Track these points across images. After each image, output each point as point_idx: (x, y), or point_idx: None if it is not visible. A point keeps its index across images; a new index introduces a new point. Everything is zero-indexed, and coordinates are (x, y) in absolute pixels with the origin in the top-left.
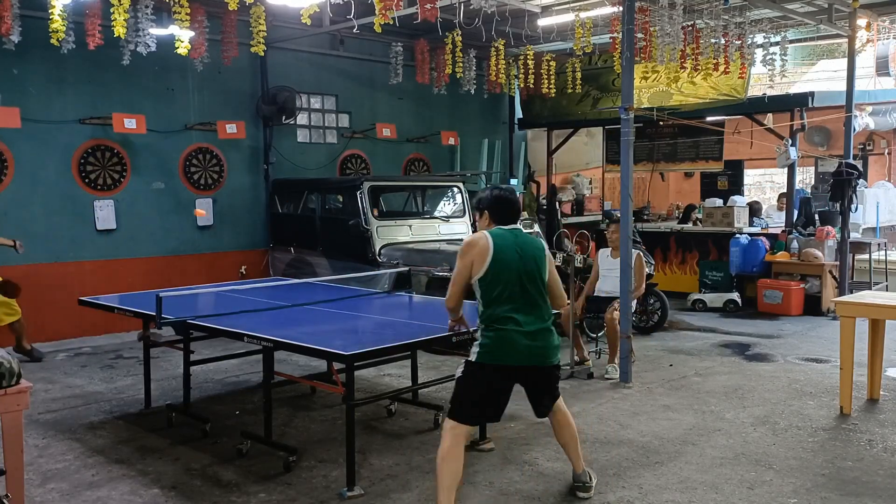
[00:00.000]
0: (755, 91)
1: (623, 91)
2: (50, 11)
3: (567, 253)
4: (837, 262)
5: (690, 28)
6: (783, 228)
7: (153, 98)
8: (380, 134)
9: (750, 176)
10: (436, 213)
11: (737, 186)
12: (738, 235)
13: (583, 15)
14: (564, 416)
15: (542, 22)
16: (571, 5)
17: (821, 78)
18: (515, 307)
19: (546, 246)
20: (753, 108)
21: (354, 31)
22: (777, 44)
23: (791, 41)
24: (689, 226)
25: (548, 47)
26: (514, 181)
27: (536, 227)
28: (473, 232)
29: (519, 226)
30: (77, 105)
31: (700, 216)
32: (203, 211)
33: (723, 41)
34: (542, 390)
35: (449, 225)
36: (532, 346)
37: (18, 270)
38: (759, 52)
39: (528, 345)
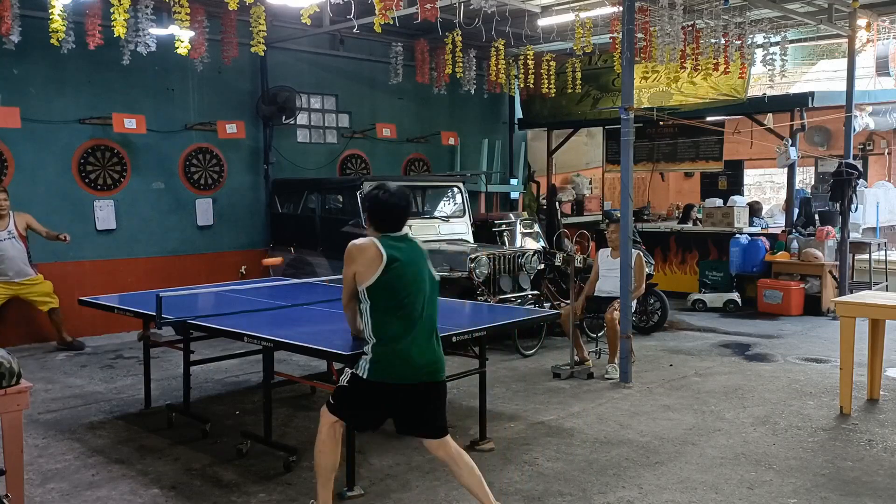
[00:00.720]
0: (755, 91)
1: (623, 91)
2: (50, 11)
3: (567, 253)
4: (837, 262)
5: (690, 28)
6: (783, 228)
7: (153, 98)
8: (380, 134)
9: (750, 176)
10: (436, 213)
11: (737, 186)
12: (738, 235)
13: (583, 15)
14: (458, 453)
15: (542, 22)
16: (571, 5)
17: (821, 78)
18: (419, 322)
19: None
20: (753, 108)
21: (354, 31)
22: (777, 44)
23: (791, 41)
24: (688, 226)
25: (548, 47)
26: (514, 181)
27: (536, 227)
28: (473, 232)
29: (404, 233)
30: (77, 105)
31: (700, 216)
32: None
33: (723, 41)
34: (428, 408)
35: (449, 225)
36: (431, 364)
37: None
38: (759, 52)
39: (428, 364)
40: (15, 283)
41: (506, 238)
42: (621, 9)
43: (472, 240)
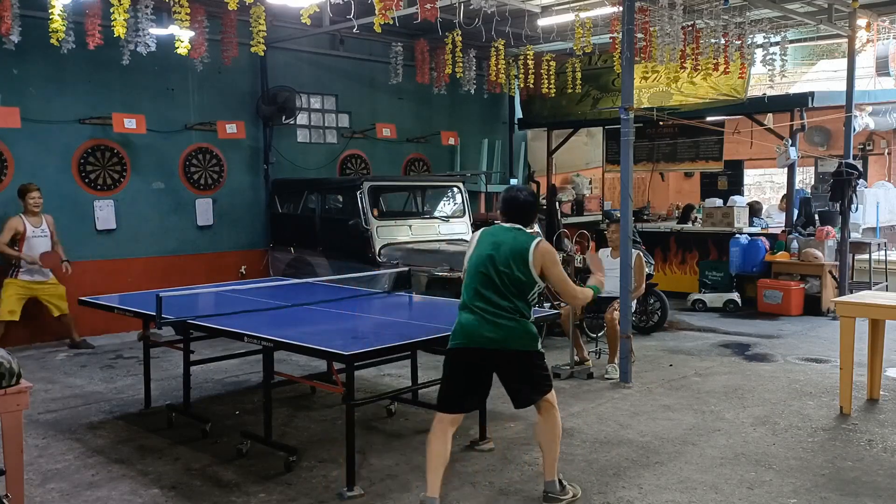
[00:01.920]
0: (755, 91)
1: (623, 91)
2: (50, 11)
3: (567, 253)
4: (837, 262)
5: (690, 28)
6: (783, 228)
7: (153, 98)
8: (380, 134)
9: (750, 176)
10: (436, 213)
11: (737, 186)
12: (738, 235)
13: (583, 15)
14: (549, 416)
15: (542, 22)
16: (571, 5)
17: (821, 78)
18: (477, 295)
19: (536, 246)
20: (753, 108)
21: (354, 31)
22: (777, 44)
23: (791, 41)
24: (689, 226)
25: (548, 47)
26: (513, 181)
27: (536, 227)
28: (473, 232)
29: (518, 226)
30: (77, 105)
31: (699, 216)
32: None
33: (723, 41)
34: (512, 376)
35: (449, 225)
36: (487, 331)
37: None
38: (759, 52)
39: (482, 331)
40: (36, 282)
41: None
42: (621, 9)
43: None
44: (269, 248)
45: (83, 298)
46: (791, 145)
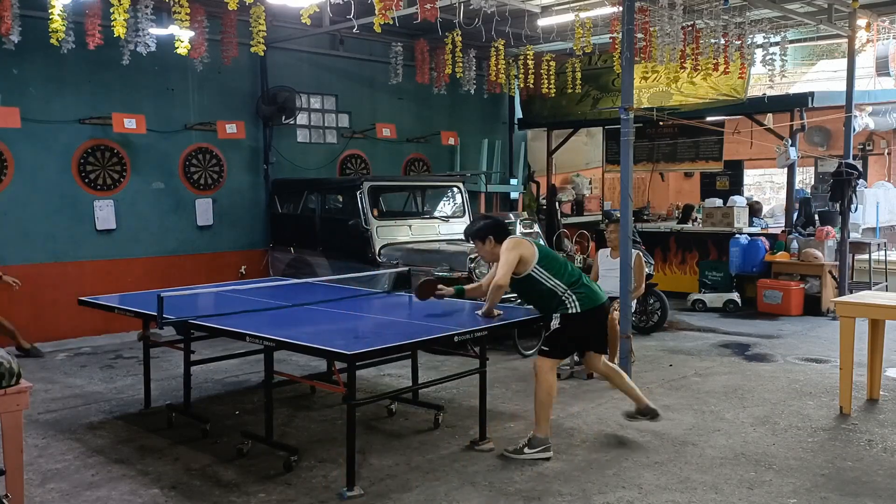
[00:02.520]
0: (755, 91)
1: (623, 91)
2: (50, 11)
3: (567, 253)
4: (837, 262)
5: (690, 28)
6: (783, 228)
7: (153, 98)
8: (380, 134)
9: (750, 176)
10: (436, 213)
11: (737, 186)
12: (737, 235)
13: (583, 15)
14: (612, 370)
15: (542, 22)
16: (571, 5)
17: (821, 78)
18: (580, 274)
19: None
20: (753, 108)
21: (354, 31)
22: (777, 44)
23: (791, 41)
24: (689, 226)
25: (548, 47)
26: (514, 181)
27: (536, 227)
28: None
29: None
30: (77, 105)
31: (699, 216)
32: None
33: (723, 41)
34: (604, 323)
35: (449, 225)
36: (601, 291)
37: (19, 270)
38: (758, 52)
39: (601, 292)
40: None
41: None
42: (621, 9)
43: None
44: (269, 248)
45: (83, 298)
46: (791, 145)
